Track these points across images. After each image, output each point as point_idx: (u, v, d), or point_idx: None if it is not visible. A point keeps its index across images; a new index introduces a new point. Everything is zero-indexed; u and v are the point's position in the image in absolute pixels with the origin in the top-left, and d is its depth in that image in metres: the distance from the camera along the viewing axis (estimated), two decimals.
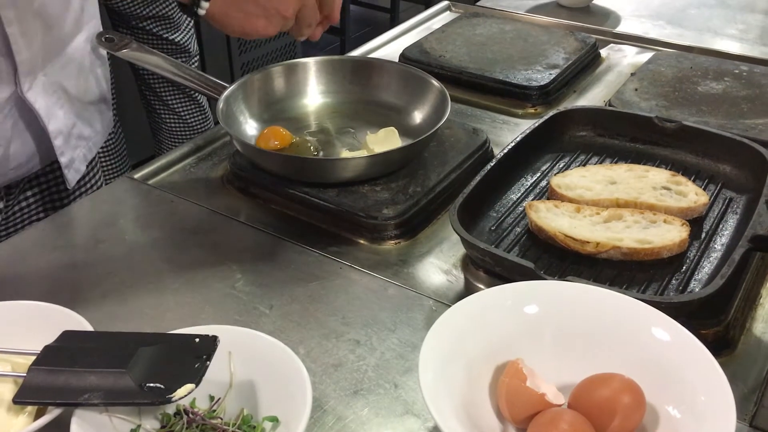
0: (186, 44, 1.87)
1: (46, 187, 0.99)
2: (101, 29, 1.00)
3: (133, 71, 1.97)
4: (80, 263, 0.82)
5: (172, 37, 1.83)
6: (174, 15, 1.81)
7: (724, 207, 0.85)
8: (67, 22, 0.91)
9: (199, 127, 2.01)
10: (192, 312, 0.75)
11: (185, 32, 1.86)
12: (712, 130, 0.93)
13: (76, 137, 0.96)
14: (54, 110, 0.91)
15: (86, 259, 0.83)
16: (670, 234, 0.78)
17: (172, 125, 1.99)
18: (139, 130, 2.15)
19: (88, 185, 1.05)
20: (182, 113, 1.97)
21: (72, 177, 0.97)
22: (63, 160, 0.94)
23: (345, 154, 0.94)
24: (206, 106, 2.01)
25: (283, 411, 0.58)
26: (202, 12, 0.70)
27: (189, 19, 1.87)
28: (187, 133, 2.00)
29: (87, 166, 1.02)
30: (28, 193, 0.97)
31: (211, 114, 2.04)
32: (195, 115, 1.99)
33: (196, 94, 1.95)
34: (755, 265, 0.78)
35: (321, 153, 0.96)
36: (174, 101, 1.95)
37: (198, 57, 1.96)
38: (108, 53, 0.99)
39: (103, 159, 1.93)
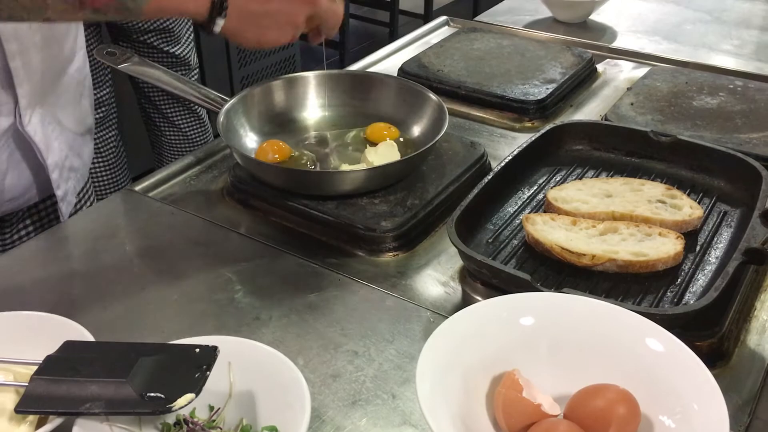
0: (186, 57, 1.89)
1: (38, 219, 0.99)
2: (87, 57, 1.01)
3: (132, 85, 1.98)
4: (81, 274, 0.83)
5: (173, 50, 1.84)
6: (175, 28, 1.82)
7: (718, 220, 0.86)
8: (65, 53, 0.92)
9: (198, 139, 2.02)
10: (192, 322, 0.75)
11: (185, 45, 1.87)
12: (707, 145, 0.95)
13: (68, 169, 0.96)
14: (50, 142, 0.91)
15: (87, 270, 0.83)
16: (665, 247, 0.79)
17: (172, 138, 2.00)
18: (140, 142, 2.16)
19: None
20: (182, 126, 1.98)
21: (66, 210, 0.97)
22: (59, 193, 0.94)
23: (344, 167, 0.95)
24: (206, 119, 2.02)
25: (282, 421, 0.58)
26: (217, 29, 0.71)
27: (189, 32, 1.88)
28: (187, 145, 2.00)
29: (77, 195, 1.02)
30: (21, 225, 0.97)
31: (210, 127, 2.05)
32: (195, 127, 2.00)
33: (196, 107, 1.96)
34: (749, 277, 0.79)
35: (318, 166, 0.97)
36: (174, 114, 1.96)
37: (198, 70, 1.97)
38: (109, 67, 1.00)
39: (103, 171, 1.94)
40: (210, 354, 0.60)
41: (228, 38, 0.74)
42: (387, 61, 1.36)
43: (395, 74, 1.22)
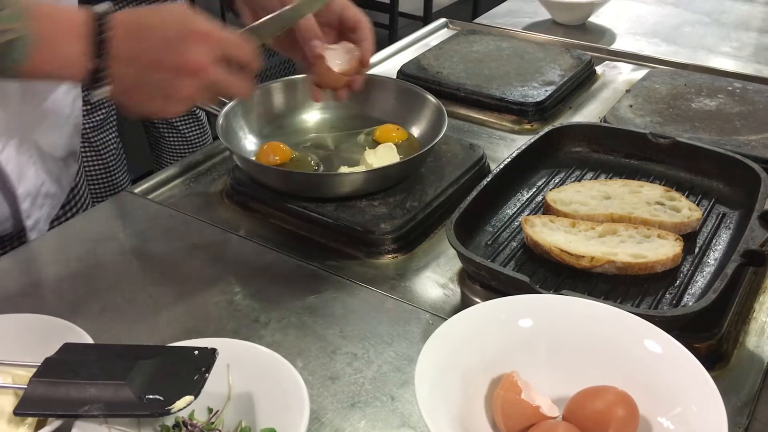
0: None
1: (10, 248, 0.94)
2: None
3: None
4: (81, 276, 0.83)
5: None
6: None
7: (717, 222, 0.86)
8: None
9: (197, 141, 2.02)
10: (191, 325, 0.75)
11: None
12: (706, 147, 0.95)
13: (44, 196, 0.93)
14: (25, 170, 0.88)
15: (87, 272, 0.83)
16: (664, 249, 0.79)
17: (171, 140, 2.00)
18: (139, 145, 2.16)
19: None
20: (181, 128, 1.98)
21: (35, 238, 0.93)
22: (29, 222, 0.91)
23: (343, 169, 0.95)
24: (205, 121, 2.03)
25: (281, 423, 0.58)
26: (97, 97, 0.66)
27: None
28: (186, 148, 2.01)
29: (51, 222, 0.98)
30: None
31: (209, 129, 2.05)
32: (194, 130, 2.00)
33: (195, 109, 1.96)
34: (748, 279, 0.79)
35: (321, 168, 0.97)
36: (177, 120, 1.96)
37: None
38: None
39: (102, 174, 1.94)
40: (209, 356, 0.61)
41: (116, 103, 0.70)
42: (386, 63, 1.36)
43: (394, 76, 1.23)
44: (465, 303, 0.78)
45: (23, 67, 0.64)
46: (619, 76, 1.30)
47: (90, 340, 0.64)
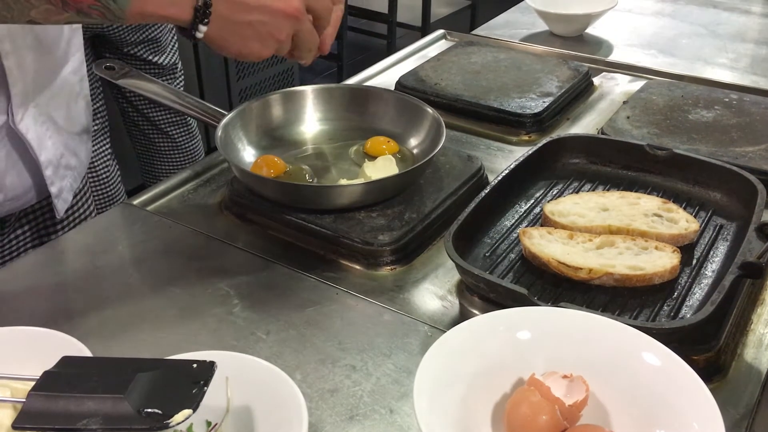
0: (172, 66, 1.90)
1: (35, 218, 0.99)
2: (84, 60, 1.01)
3: (115, 96, 1.97)
4: (79, 289, 0.83)
5: (160, 60, 1.86)
6: (162, 38, 1.84)
7: (714, 234, 0.87)
8: (58, 54, 0.92)
9: (187, 146, 2.02)
10: (190, 337, 0.75)
11: (171, 54, 1.89)
12: (703, 158, 0.95)
13: (64, 167, 0.97)
14: (44, 141, 0.91)
15: (85, 284, 0.83)
16: (662, 260, 0.79)
17: (162, 146, 2.00)
18: (129, 157, 2.15)
19: (78, 215, 1.05)
20: (173, 135, 1.98)
21: (61, 207, 0.97)
22: (53, 189, 0.95)
23: (342, 181, 0.95)
24: (195, 128, 2.03)
25: None
26: (199, 36, 0.72)
27: (174, 40, 1.90)
28: (178, 155, 2.01)
29: (74, 198, 1.02)
30: (18, 225, 0.97)
31: (199, 134, 2.06)
32: (183, 134, 2.01)
33: (186, 117, 1.97)
34: (746, 291, 0.79)
35: (315, 180, 0.97)
36: (165, 124, 1.96)
37: (182, 77, 1.98)
38: (100, 79, 1.00)
39: (97, 186, 1.94)
40: (207, 369, 0.60)
41: (210, 46, 0.75)
42: (384, 74, 1.36)
43: (392, 88, 1.23)
44: (463, 315, 0.78)
45: (130, 9, 0.67)
46: (617, 87, 1.31)
47: (89, 353, 0.64)
